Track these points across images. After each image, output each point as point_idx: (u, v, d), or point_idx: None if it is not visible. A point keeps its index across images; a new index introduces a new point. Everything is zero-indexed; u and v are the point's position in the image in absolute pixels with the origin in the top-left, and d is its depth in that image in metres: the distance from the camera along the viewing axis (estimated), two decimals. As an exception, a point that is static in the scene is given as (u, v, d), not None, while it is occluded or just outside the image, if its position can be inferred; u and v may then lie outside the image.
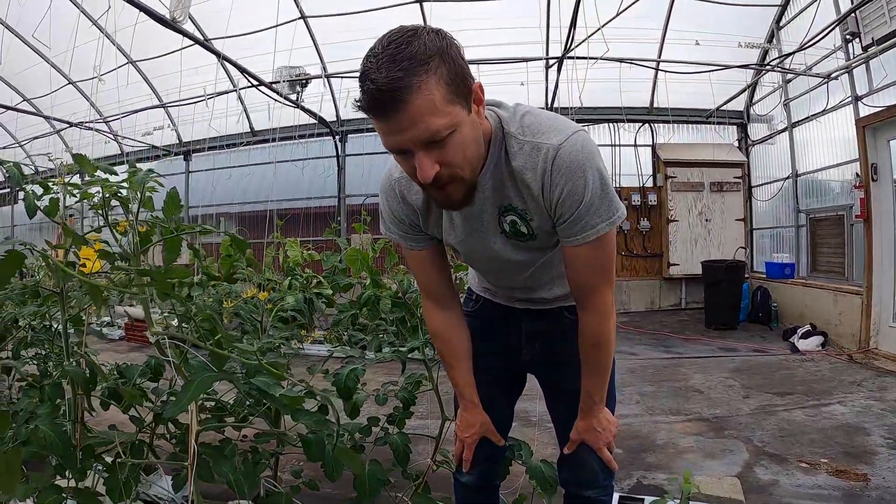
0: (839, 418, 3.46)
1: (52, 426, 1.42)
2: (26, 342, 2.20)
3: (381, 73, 0.92)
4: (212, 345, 1.01)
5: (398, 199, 1.27)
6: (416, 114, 0.94)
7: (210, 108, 8.48)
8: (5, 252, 1.27)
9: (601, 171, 1.12)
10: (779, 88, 7.42)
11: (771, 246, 8.05)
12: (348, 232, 8.84)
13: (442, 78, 0.95)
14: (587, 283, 1.25)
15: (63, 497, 1.51)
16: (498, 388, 1.62)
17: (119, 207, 1.40)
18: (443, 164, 1.01)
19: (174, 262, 1.31)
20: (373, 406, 1.97)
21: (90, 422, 1.75)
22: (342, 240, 5.63)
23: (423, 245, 1.33)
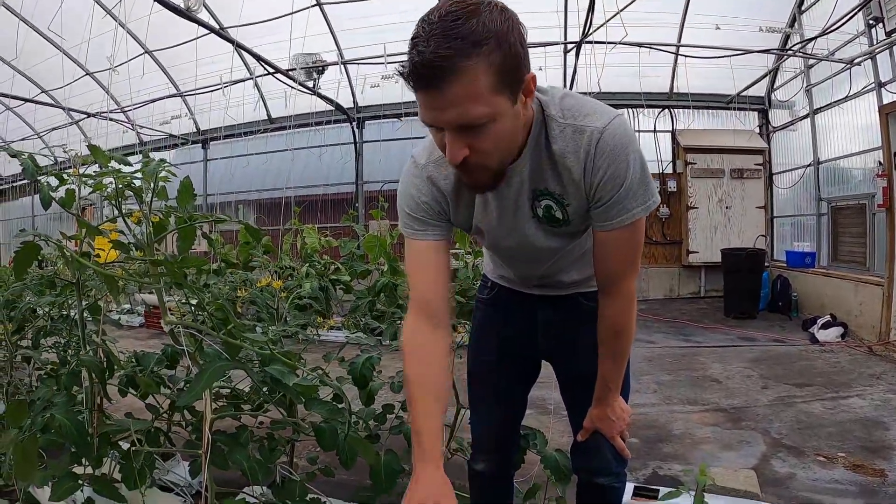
0: (858, 412, 3.40)
1: (69, 415, 1.45)
2: (45, 331, 2.24)
3: (429, 45, 0.87)
4: (224, 334, 1.01)
5: (427, 183, 1.22)
6: (455, 98, 0.90)
7: (227, 97, 8.52)
8: (22, 244, 1.29)
9: (641, 156, 1.10)
10: (800, 74, 7.27)
11: (792, 234, 7.92)
12: (366, 218, 8.87)
13: (493, 65, 0.90)
14: (615, 268, 1.22)
15: (79, 484, 1.54)
16: (513, 375, 1.62)
17: (133, 197, 1.41)
18: (473, 149, 0.98)
19: (189, 251, 1.31)
20: (388, 393, 1.97)
21: (108, 409, 1.78)
22: (359, 226, 5.63)
23: (437, 235, 1.24)
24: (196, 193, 1.36)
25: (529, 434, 1.84)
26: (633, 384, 4.04)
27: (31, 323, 2.10)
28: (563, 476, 1.73)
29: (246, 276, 1.84)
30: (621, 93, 8.49)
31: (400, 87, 8.09)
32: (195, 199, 1.31)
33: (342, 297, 2.58)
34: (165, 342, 1.86)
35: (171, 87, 9.53)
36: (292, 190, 9.63)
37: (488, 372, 1.61)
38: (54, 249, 1.51)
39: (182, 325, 1.10)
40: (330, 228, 7.97)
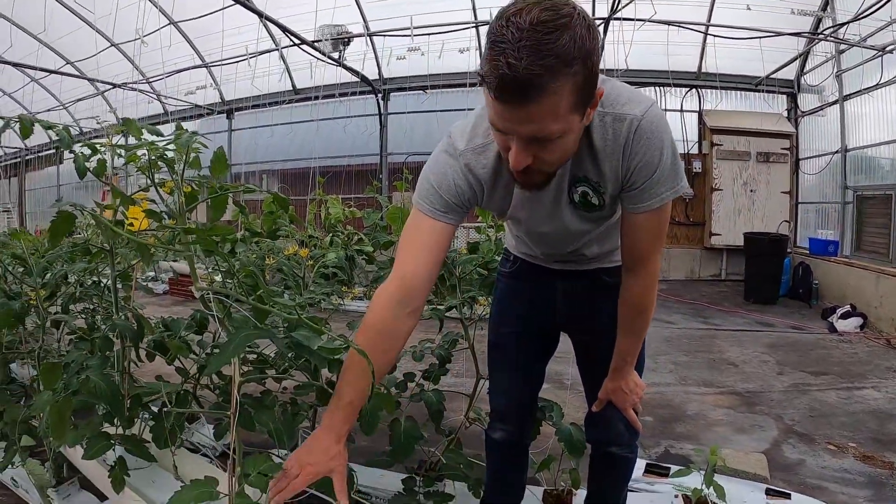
0: (871, 403, 3.39)
1: (102, 377, 1.51)
2: (75, 297, 2.32)
3: (521, 59, 0.84)
4: (254, 300, 1.05)
5: (462, 169, 1.20)
6: (537, 114, 0.90)
7: (252, 68, 8.55)
8: (58, 213, 1.34)
9: (673, 142, 1.12)
10: (831, 59, 7.09)
11: (816, 221, 7.81)
12: (390, 190, 8.92)
13: (577, 85, 0.90)
14: (642, 248, 1.25)
15: (111, 443, 1.62)
16: (532, 347, 1.66)
17: (164, 167, 1.45)
18: (537, 158, 1.00)
19: (219, 220, 1.35)
20: (409, 362, 2.03)
21: (135, 373, 1.85)
22: (383, 198, 5.66)
23: (451, 220, 1.22)
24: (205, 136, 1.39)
25: (546, 406, 1.88)
26: (651, 363, 4.07)
27: (63, 289, 2.17)
28: (576, 449, 1.78)
29: (273, 244, 1.88)
30: (648, 70, 8.37)
31: (426, 60, 8.06)
32: (229, 170, 1.35)
33: (366, 267, 2.63)
34: (189, 309, 1.93)
35: (196, 58, 9.58)
36: (317, 160, 9.70)
37: (508, 343, 1.66)
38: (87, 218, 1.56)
39: (212, 291, 1.15)
40: (354, 199, 8.03)
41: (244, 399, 1.41)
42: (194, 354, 1.81)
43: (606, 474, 1.72)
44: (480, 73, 0.90)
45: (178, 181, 1.20)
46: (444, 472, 1.90)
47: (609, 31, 7.06)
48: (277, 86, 9.67)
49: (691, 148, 8.50)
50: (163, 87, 10.22)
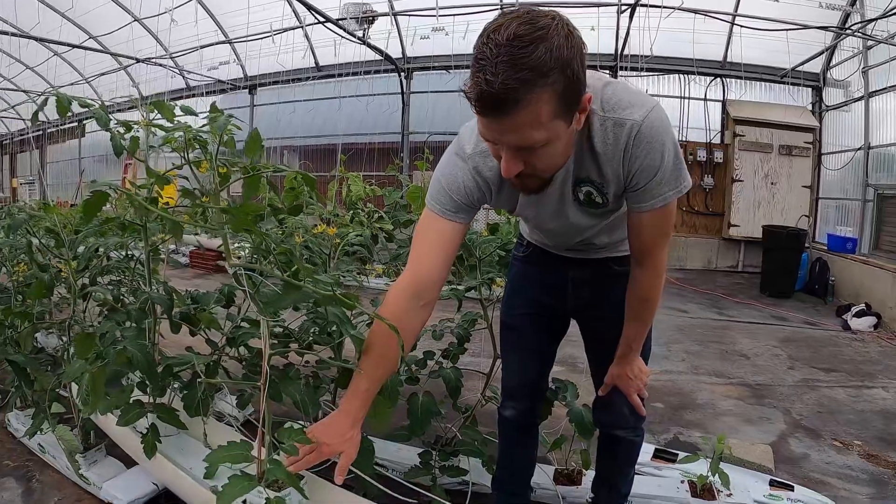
0: (880, 403, 3.40)
1: (139, 346, 1.59)
2: (104, 270, 2.40)
3: (497, 74, 0.88)
4: (289, 276, 1.11)
5: (471, 171, 1.26)
6: (518, 124, 0.95)
7: (277, 45, 8.57)
8: (92, 192, 1.40)
9: (675, 145, 1.16)
10: (858, 54, 6.96)
11: (835, 217, 7.73)
12: (411, 169, 8.96)
13: (556, 93, 0.93)
14: (648, 243, 1.30)
15: (144, 411, 1.70)
16: (543, 329, 1.72)
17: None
18: (527, 165, 1.05)
19: (252, 198, 1.41)
20: (428, 340, 2.08)
21: (160, 344, 1.92)
22: (404, 176, 5.69)
23: (462, 219, 1.29)
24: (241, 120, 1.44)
25: (561, 386, 1.95)
26: (663, 351, 4.11)
27: (94, 262, 2.25)
28: (586, 430, 1.84)
29: (300, 221, 1.93)
30: (673, 58, 8.30)
31: (450, 40, 8.05)
32: (262, 151, 1.40)
33: (387, 245, 2.69)
34: (210, 281, 1.99)
35: (219, 33, 9.62)
36: (338, 138, 9.74)
37: (520, 325, 1.72)
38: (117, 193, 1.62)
39: (245, 268, 1.20)
40: (374, 177, 8.07)
41: (270, 371, 1.48)
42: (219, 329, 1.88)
43: (612, 456, 1.79)
44: (463, 89, 0.96)
45: (213, 161, 1.25)
46: (459, 448, 1.97)
47: (635, 17, 6.98)
48: (301, 62, 9.70)
49: (713, 137, 8.42)
50: (185, 62, 10.28)
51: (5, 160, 17.81)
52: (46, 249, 2.37)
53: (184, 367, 1.63)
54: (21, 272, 2.79)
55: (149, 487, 1.82)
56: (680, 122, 8.49)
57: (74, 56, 10.85)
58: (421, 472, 1.91)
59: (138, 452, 1.77)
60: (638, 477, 2.07)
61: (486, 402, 2.10)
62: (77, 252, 2.20)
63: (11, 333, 2.21)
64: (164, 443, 1.72)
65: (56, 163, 15.78)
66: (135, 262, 2.23)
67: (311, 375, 1.82)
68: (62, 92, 1.67)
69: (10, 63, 11.43)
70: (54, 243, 2.29)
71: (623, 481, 1.84)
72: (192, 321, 1.90)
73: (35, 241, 2.34)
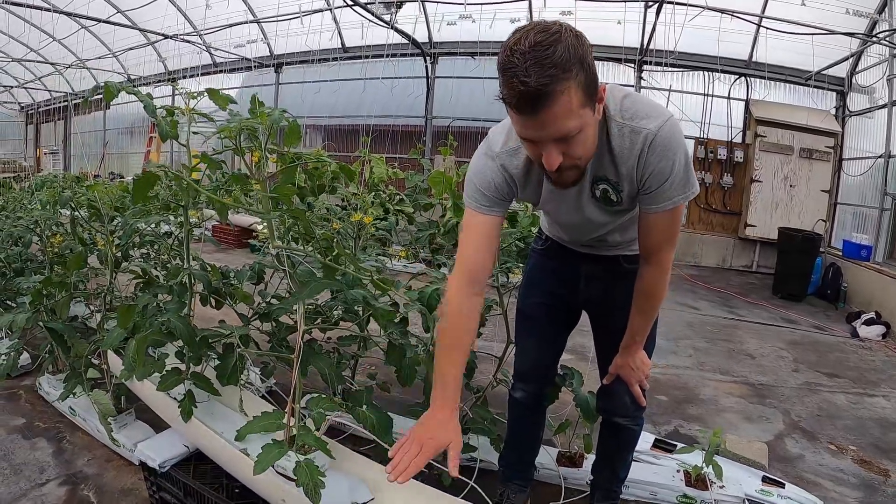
0: (879, 411, 3.43)
1: (180, 318, 1.72)
2: (139, 245, 2.52)
3: (530, 76, 1.01)
4: (330, 260, 1.22)
5: (499, 169, 1.40)
6: (555, 117, 1.07)
7: (305, 26, 8.65)
8: (142, 173, 1.51)
9: (686, 154, 1.28)
10: (884, 62, 6.88)
11: (852, 224, 7.69)
12: (433, 153, 9.03)
13: (580, 85, 1.06)
14: (655, 243, 1.42)
15: (182, 378, 1.84)
16: (556, 318, 1.85)
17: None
18: (566, 155, 1.16)
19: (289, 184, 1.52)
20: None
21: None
22: (426, 161, 5.76)
23: (498, 212, 1.43)
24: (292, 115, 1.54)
25: (568, 373, 2.06)
26: (671, 346, 4.18)
27: (135, 238, 2.36)
28: (590, 415, 1.96)
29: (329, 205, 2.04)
30: (698, 55, 8.29)
31: (477, 27, 8.09)
32: (300, 140, 1.51)
33: (402, 228, 2.79)
34: (232, 256, 2.10)
35: (248, 13, 9.72)
36: (362, 119, 9.82)
37: (534, 313, 1.85)
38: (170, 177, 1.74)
39: (288, 250, 1.32)
40: (397, 160, 8.14)
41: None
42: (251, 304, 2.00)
43: (612, 442, 1.91)
44: (502, 96, 1.09)
45: (264, 151, 1.36)
46: (469, 426, 2.09)
47: (661, 13, 6.97)
48: (327, 43, 9.80)
49: (735, 136, 8.41)
50: (213, 40, 10.39)
51: (30, 130, 18.12)
52: (85, 223, 2.50)
53: (218, 339, 1.76)
54: (57, 244, 2.93)
55: (180, 449, 1.93)
56: (702, 119, 8.48)
57: (103, 30, 10.99)
58: (433, 445, 2.02)
59: (173, 416, 1.91)
60: (636, 464, 2.19)
61: (497, 385, 2.22)
62: (114, 227, 2.32)
63: (48, 302, 2.33)
64: (196, 408, 1.85)
65: (80, 133, 16.01)
66: (172, 238, 2.35)
67: (334, 351, 1.94)
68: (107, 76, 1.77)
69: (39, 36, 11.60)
70: (90, 217, 2.42)
71: (621, 466, 1.96)
72: (221, 295, 2.02)
73: (77, 215, 2.47)
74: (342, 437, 2.10)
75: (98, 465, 2.23)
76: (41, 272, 2.97)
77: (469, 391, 2.20)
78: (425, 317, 1.85)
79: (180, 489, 1.78)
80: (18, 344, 2.54)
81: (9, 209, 3.96)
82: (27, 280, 2.65)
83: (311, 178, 2.51)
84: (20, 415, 2.59)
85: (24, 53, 12.75)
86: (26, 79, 14.91)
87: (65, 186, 4.20)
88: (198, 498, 1.72)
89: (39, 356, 2.74)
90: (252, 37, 10.25)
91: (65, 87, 14.59)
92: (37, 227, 3.15)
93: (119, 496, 2.05)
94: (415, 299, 1.81)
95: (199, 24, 10.01)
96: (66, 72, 13.26)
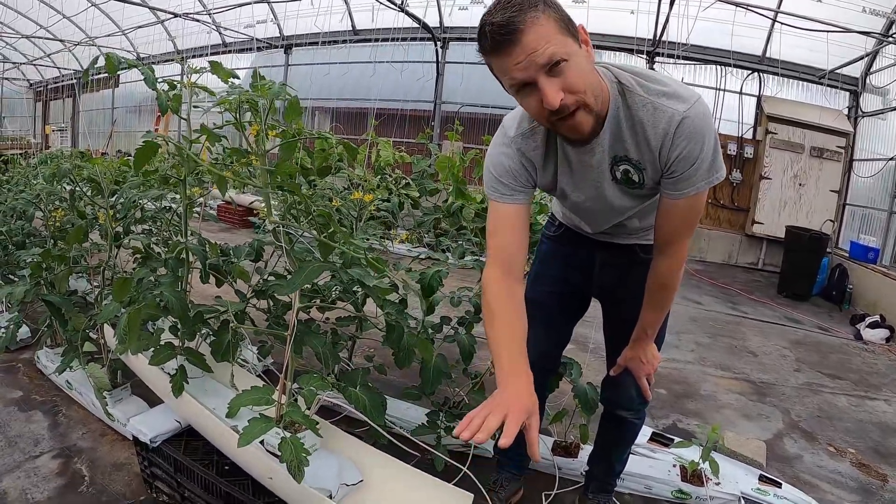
0: (880, 415, 3.39)
1: (174, 293, 1.69)
2: (138, 220, 2.50)
3: (496, 15, 1.04)
4: (325, 237, 1.20)
5: (516, 153, 1.34)
6: (532, 42, 1.04)
7: (315, 7, 8.60)
8: (143, 142, 1.49)
9: (716, 139, 1.22)
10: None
11: (860, 225, 7.60)
12: (441, 138, 9.00)
13: (551, 16, 1.06)
14: (674, 231, 1.36)
15: (175, 353, 1.82)
16: (564, 306, 1.80)
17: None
18: (566, 90, 1.09)
19: (289, 160, 1.49)
20: (446, 307, 2.16)
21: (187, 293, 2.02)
22: (433, 146, 5.72)
23: (521, 200, 1.37)
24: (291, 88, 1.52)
25: (567, 363, 2.03)
26: (674, 340, 4.12)
27: (132, 213, 2.35)
28: (589, 406, 1.93)
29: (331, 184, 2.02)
30: (712, 48, 8.21)
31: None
32: (301, 116, 1.48)
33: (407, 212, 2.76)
34: (235, 235, 2.09)
35: (258, -8, 9.67)
36: (371, 102, 9.78)
37: (543, 301, 1.77)
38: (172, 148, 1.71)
39: (284, 226, 1.29)
40: (404, 144, 8.09)
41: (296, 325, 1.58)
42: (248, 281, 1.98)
43: (613, 434, 1.88)
44: (481, 51, 1.10)
45: (263, 124, 1.33)
46: (465, 411, 2.06)
47: (675, 5, 6.88)
48: (338, 25, 9.74)
49: (745, 132, 8.33)
50: (223, 19, 10.35)
51: (39, 107, 18.13)
52: (86, 197, 2.48)
53: (213, 315, 1.74)
54: (59, 218, 2.92)
55: (172, 424, 1.92)
56: (714, 113, 8.39)
57: (112, 8, 10.95)
58: (427, 430, 2.01)
59: (165, 391, 1.90)
60: (633, 457, 2.17)
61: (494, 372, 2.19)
62: (115, 202, 2.30)
63: (48, 275, 2.32)
64: (189, 384, 1.84)
65: (89, 111, 16.02)
66: (172, 213, 2.33)
67: (331, 332, 1.93)
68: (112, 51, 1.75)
69: (48, 12, 11.56)
70: (92, 192, 2.40)
71: (619, 459, 1.94)
72: (221, 272, 2.00)
73: (77, 189, 2.45)
74: (337, 419, 2.08)
75: (92, 439, 2.24)
76: (43, 246, 2.96)
77: (466, 377, 2.19)
78: (421, 299, 1.83)
79: (171, 464, 1.77)
80: (18, 317, 2.54)
81: (13, 183, 3.95)
82: (28, 253, 2.64)
83: (317, 159, 2.50)
84: (18, 388, 2.60)
85: (33, 30, 12.72)
86: (35, 55, 14.89)
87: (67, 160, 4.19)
88: (188, 473, 1.71)
89: (39, 330, 2.74)
90: (262, 17, 10.19)
91: (74, 64, 14.60)
92: (39, 202, 3.14)
93: (111, 470, 2.05)
94: (416, 280, 1.79)
95: (210, 3, 9.95)
96: (76, 49, 13.25)
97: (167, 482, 1.83)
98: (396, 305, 1.50)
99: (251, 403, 1.35)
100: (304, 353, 1.67)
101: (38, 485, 1.94)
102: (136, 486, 1.97)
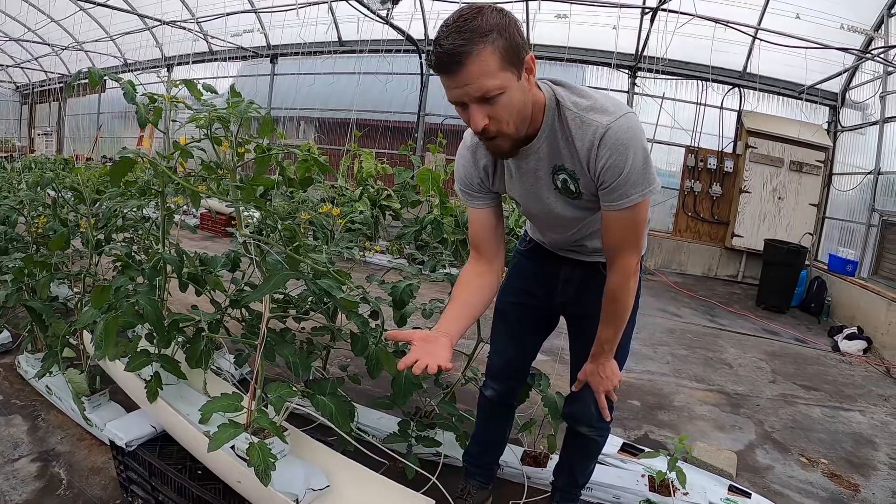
0: (854, 426, 3.43)
1: (150, 301, 1.73)
2: (119, 228, 2.53)
3: (448, 40, 1.12)
4: (291, 250, 1.24)
5: (472, 160, 1.48)
6: (471, 74, 1.13)
7: (301, 17, 8.67)
8: (120, 157, 1.53)
9: (644, 150, 1.28)
10: (878, 79, 6.93)
11: (839, 238, 7.73)
12: (424, 150, 9.05)
13: (497, 49, 1.13)
14: (617, 244, 1.41)
15: (150, 360, 1.85)
16: (531, 320, 1.85)
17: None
18: (492, 118, 1.20)
19: (263, 174, 1.54)
20: (419, 319, 2.20)
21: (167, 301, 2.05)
22: (416, 158, 5.80)
23: (486, 203, 1.52)
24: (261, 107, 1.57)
25: (536, 375, 2.07)
26: (649, 352, 4.16)
27: (112, 221, 2.38)
28: (558, 415, 1.97)
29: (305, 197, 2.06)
30: (692, 63, 8.36)
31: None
32: (274, 133, 1.53)
33: (389, 223, 2.81)
34: (218, 244, 2.12)
35: (245, 2, 9.70)
36: (355, 113, 9.84)
37: (511, 313, 1.85)
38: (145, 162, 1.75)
39: (254, 239, 1.33)
40: (387, 155, 8.12)
41: (268, 334, 1.62)
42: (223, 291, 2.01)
43: (574, 450, 1.92)
44: (429, 64, 1.17)
45: (234, 141, 1.38)
46: (436, 421, 2.11)
47: (655, 21, 7.01)
48: (323, 36, 9.79)
49: (726, 146, 8.48)
50: (210, 28, 10.38)
51: (25, 110, 18.02)
52: (68, 205, 2.51)
53: (189, 324, 1.77)
54: (41, 224, 2.94)
55: (148, 429, 1.93)
56: (694, 128, 8.55)
57: (100, 13, 10.94)
58: (398, 439, 2.05)
59: (142, 397, 1.92)
60: (601, 467, 2.21)
61: (466, 382, 2.23)
62: (97, 211, 2.34)
63: (29, 281, 2.34)
64: (164, 390, 1.86)
65: (75, 115, 15.94)
66: (150, 222, 2.36)
67: (306, 341, 1.96)
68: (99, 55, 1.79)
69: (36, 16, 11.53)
70: (75, 200, 2.43)
71: (581, 473, 1.97)
72: (199, 282, 2.03)
73: (59, 197, 2.48)
74: (311, 427, 2.11)
75: (70, 444, 2.25)
76: (25, 252, 2.97)
77: (438, 387, 2.22)
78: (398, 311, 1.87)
79: (146, 468, 1.79)
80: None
81: (-4, 189, 3.95)
82: (10, 259, 2.66)
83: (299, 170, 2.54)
84: (-2, 392, 2.60)
85: (21, 33, 12.68)
86: (23, 58, 14.82)
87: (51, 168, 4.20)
88: (162, 477, 1.74)
89: (20, 335, 2.75)
90: (249, 26, 10.24)
91: (61, 68, 14.54)
92: (22, 208, 3.15)
93: (89, 474, 2.07)
94: (388, 293, 1.82)
95: (197, 11, 9.98)
96: (63, 53, 13.21)
97: (142, 486, 1.85)
98: (362, 317, 1.54)
99: (221, 409, 1.38)
100: (279, 361, 1.70)
101: (17, 487, 1.95)
102: (113, 489, 1.99)
